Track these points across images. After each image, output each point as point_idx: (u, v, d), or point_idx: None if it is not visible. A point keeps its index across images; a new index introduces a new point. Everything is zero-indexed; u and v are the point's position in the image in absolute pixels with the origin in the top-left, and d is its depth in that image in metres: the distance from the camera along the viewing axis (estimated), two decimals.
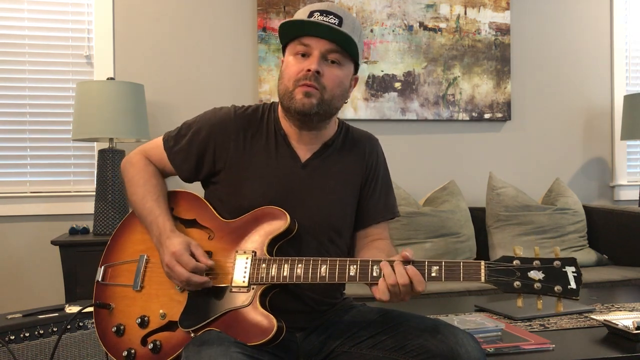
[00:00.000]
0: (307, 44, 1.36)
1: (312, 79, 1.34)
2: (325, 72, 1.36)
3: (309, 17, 1.35)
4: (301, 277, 1.27)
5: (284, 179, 1.41)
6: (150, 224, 1.39)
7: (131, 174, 1.48)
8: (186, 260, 1.28)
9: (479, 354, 1.21)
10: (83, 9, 3.03)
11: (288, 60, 1.40)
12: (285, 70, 1.39)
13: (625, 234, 3.02)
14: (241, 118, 1.46)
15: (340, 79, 1.39)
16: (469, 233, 3.01)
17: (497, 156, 3.47)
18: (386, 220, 1.53)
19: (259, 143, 1.44)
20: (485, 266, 1.18)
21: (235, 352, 1.16)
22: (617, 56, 3.64)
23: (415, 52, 3.31)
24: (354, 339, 1.35)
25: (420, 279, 1.19)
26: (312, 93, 1.35)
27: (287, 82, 1.37)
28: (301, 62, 1.36)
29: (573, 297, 1.14)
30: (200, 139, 1.44)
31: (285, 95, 1.38)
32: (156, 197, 1.42)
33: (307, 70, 1.34)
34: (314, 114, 1.37)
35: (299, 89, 1.35)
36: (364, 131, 1.59)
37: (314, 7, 1.37)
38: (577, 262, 1.16)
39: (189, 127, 1.47)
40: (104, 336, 1.41)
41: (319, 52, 1.35)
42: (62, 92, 3.01)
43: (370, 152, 1.53)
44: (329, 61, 1.37)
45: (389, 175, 1.58)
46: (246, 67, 3.16)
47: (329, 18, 1.34)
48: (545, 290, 1.15)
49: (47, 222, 2.94)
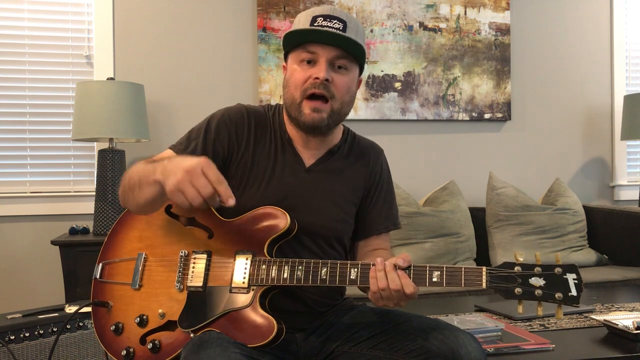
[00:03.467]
0: (313, 51, 1.34)
1: (321, 87, 1.33)
2: (334, 79, 1.35)
3: (312, 22, 1.33)
4: (302, 279, 1.26)
5: (288, 183, 1.41)
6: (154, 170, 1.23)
7: (125, 180, 1.36)
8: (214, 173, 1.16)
9: (479, 354, 1.21)
10: (83, 9, 3.03)
11: (293, 67, 1.37)
12: (290, 79, 1.38)
13: (625, 234, 3.02)
14: (252, 116, 1.45)
15: (348, 85, 1.38)
16: (469, 233, 3.01)
17: (497, 156, 3.47)
18: (388, 231, 1.53)
19: (265, 145, 1.44)
20: (487, 272, 1.18)
21: (235, 353, 1.15)
22: (617, 56, 3.64)
23: (415, 52, 3.31)
24: (354, 340, 1.35)
25: (408, 282, 1.18)
26: (321, 108, 1.34)
27: (294, 91, 1.36)
28: (307, 69, 1.35)
29: (573, 304, 1.14)
30: (213, 135, 1.41)
31: (292, 105, 1.37)
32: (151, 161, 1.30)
33: (315, 78, 1.33)
34: (324, 126, 1.37)
35: (306, 103, 1.34)
36: (369, 141, 1.58)
37: (316, 12, 1.35)
38: (578, 269, 1.16)
39: (198, 130, 1.44)
40: (102, 334, 1.40)
41: (326, 59, 1.34)
42: (62, 92, 3.01)
43: (374, 162, 1.53)
44: (336, 67, 1.36)
45: (392, 187, 1.57)
46: (246, 67, 3.16)
47: (333, 23, 1.32)
48: (545, 297, 1.15)
49: (47, 222, 2.94)
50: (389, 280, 1.19)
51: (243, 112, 1.44)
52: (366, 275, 1.23)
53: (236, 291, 1.29)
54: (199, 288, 1.32)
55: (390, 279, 1.19)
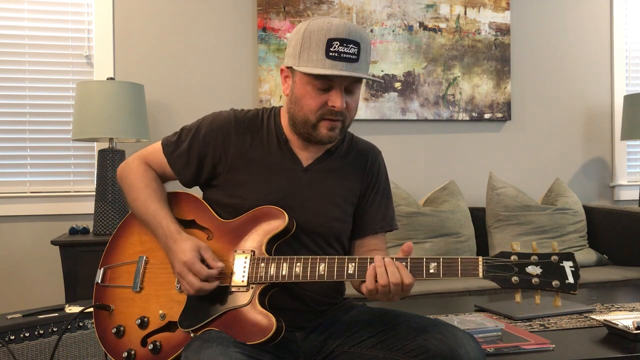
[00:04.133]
0: (329, 79, 1.33)
1: (338, 115, 1.36)
2: (348, 103, 1.37)
3: (328, 47, 1.30)
4: (300, 275, 1.27)
5: (285, 183, 1.41)
6: (155, 228, 1.39)
7: (131, 179, 1.48)
8: (198, 268, 1.28)
9: (479, 354, 1.21)
10: (83, 9, 3.03)
11: (306, 89, 1.35)
12: (302, 100, 1.36)
13: (625, 234, 3.02)
14: (242, 122, 1.45)
15: (357, 102, 1.42)
16: (469, 233, 3.01)
17: (497, 156, 3.47)
18: (384, 232, 1.53)
19: (260, 147, 1.44)
20: (483, 262, 1.19)
21: (235, 351, 1.16)
22: (617, 56, 3.64)
23: (415, 52, 3.31)
24: (354, 339, 1.35)
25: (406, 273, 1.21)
26: (337, 127, 1.38)
27: (309, 114, 1.36)
28: (321, 95, 1.35)
29: (571, 291, 1.14)
30: (200, 143, 1.44)
31: (305, 124, 1.38)
32: (158, 200, 1.41)
33: (331, 106, 1.34)
34: (335, 140, 1.42)
35: (323, 123, 1.36)
36: (368, 142, 1.59)
37: (331, 34, 1.31)
38: (575, 257, 1.16)
39: (188, 131, 1.47)
40: (104, 337, 1.41)
41: (342, 88, 1.34)
42: (62, 92, 3.01)
43: (372, 163, 1.53)
44: (348, 90, 1.37)
45: (389, 188, 1.58)
46: (246, 67, 3.16)
47: (349, 48, 1.32)
48: (543, 285, 1.15)
49: (47, 222, 2.94)
50: (389, 274, 1.20)
51: (231, 119, 1.45)
52: (364, 270, 1.24)
53: (235, 290, 1.30)
54: None
55: (391, 272, 1.20)
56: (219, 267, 1.30)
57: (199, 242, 1.33)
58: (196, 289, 1.28)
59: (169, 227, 1.36)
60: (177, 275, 1.32)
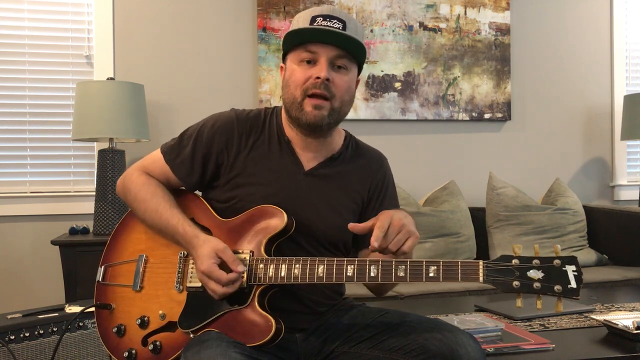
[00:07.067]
0: (313, 50, 1.34)
1: (322, 87, 1.33)
2: (335, 79, 1.34)
3: (312, 22, 1.33)
4: (299, 277, 1.26)
5: (286, 185, 1.40)
6: (173, 236, 1.36)
7: (134, 191, 1.44)
8: (217, 276, 1.25)
9: (479, 354, 1.21)
10: (83, 9, 3.03)
11: (293, 67, 1.37)
12: (290, 78, 1.37)
13: (625, 234, 3.02)
14: (243, 122, 1.44)
15: (348, 84, 1.38)
16: (469, 233, 3.01)
17: (497, 156, 3.47)
18: None
19: (262, 148, 1.43)
20: (484, 266, 1.17)
21: (234, 352, 1.15)
22: (617, 56, 3.64)
23: (415, 52, 3.31)
24: (353, 340, 1.35)
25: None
26: (322, 105, 1.34)
27: (295, 91, 1.35)
28: (308, 69, 1.34)
29: (573, 296, 1.12)
30: (204, 147, 1.42)
31: (293, 105, 1.36)
32: (169, 207, 1.39)
33: (316, 78, 1.32)
34: (325, 124, 1.37)
35: (308, 101, 1.34)
36: (373, 148, 1.57)
37: (316, 12, 1.34)
38: (578, 261, 1.14)
39: (189, 136, 1.45)
40: (105, 337, 1.41)
41: (327, 58, 1.33)
42: (62, 92, 3.01)
43: (377, 170, 1.51)
44: (337, 67, 1.36)
45: (396, 196, 1.55)
46: (246, 67, 3.16)
47: (333, 22, 1.32)
48: (544, 289, 1.13)
49: (47, 222, 2.94)
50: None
51: (233, 119, 1.44)
52: (363, 272, 1.23)
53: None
54: (199, 288, 1.32)
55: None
56: (239, 272, 1.26)
57: (217, 244, 1.29)
58: (219, 295, 1.26)
59: (185, 233, 1.33)
60: (200, 281, 1.30)
